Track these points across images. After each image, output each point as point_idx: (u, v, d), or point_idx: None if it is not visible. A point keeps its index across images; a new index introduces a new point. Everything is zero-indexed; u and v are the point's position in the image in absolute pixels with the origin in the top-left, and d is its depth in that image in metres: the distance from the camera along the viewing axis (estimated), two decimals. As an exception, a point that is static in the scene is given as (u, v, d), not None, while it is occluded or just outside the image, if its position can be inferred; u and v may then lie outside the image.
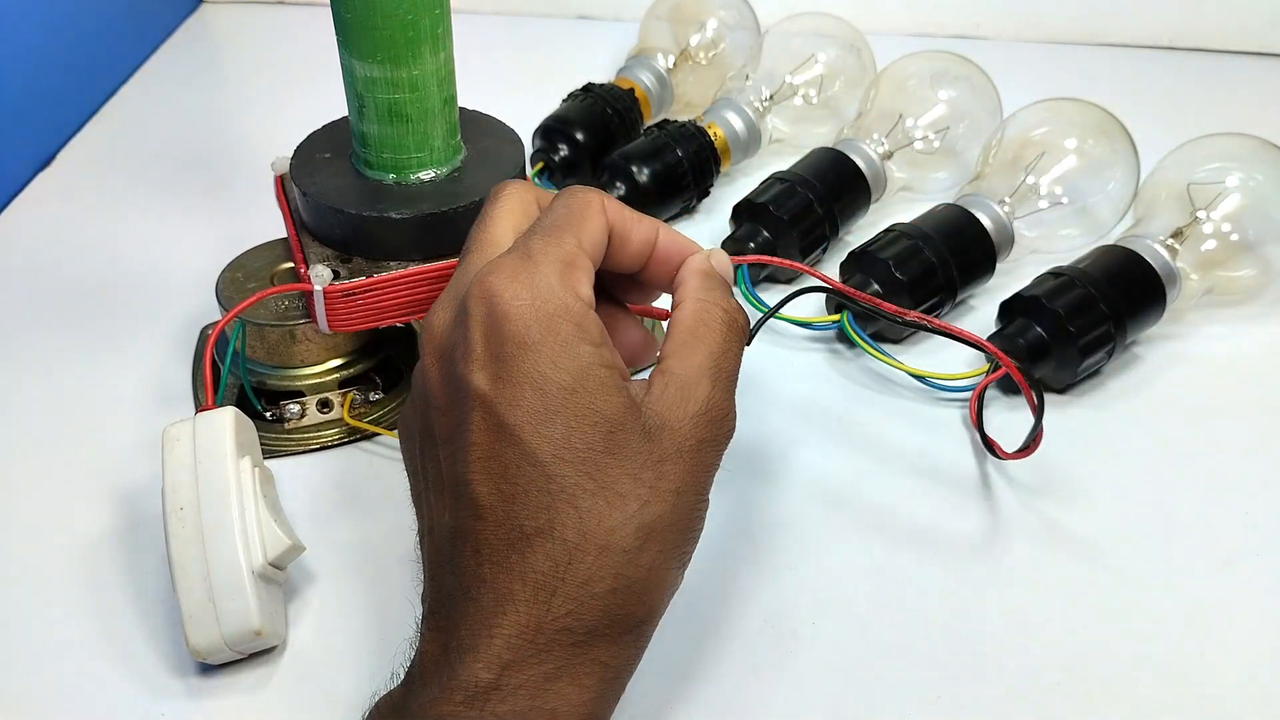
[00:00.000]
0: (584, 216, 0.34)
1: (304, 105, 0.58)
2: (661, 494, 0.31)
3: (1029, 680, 0.38)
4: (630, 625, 0.31)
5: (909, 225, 0.53)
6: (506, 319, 0.31)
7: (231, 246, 0.50)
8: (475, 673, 0.29)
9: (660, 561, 0.31)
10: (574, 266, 0.33)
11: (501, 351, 0.31)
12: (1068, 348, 0.48)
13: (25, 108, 0.65)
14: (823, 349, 0.53)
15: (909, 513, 0.45)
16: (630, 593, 0.30)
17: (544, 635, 0.29)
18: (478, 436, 0.31)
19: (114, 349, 0.53)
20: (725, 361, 0.34)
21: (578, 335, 0.31)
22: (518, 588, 0.30)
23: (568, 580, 0.30)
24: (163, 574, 0.40)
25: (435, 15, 0.42)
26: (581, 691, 0.30)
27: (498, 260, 0.33)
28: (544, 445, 0.30)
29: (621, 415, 0.31)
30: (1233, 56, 0.82)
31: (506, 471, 0.30)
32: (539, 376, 0.30)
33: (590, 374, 0.31)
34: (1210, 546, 0.43)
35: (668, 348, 0.34)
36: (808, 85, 0.64)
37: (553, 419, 0.30)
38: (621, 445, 0.31)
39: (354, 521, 0.44)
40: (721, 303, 0.35)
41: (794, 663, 0.39)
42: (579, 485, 0.30)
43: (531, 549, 0.30)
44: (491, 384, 0.31)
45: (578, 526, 0.30)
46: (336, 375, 0.48)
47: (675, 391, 0.32)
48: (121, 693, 0.38)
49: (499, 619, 0.30)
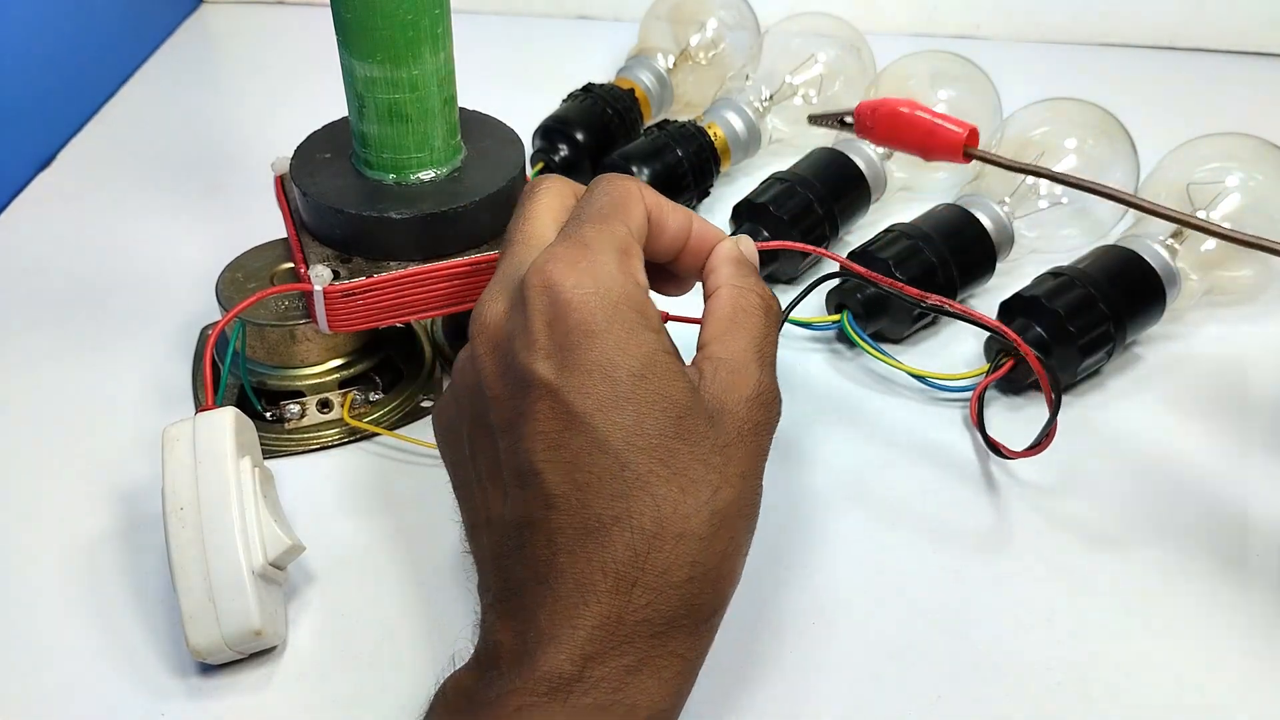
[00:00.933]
0: (627, 204, 0.34)
1: (304, 105, 0.58)
2: (730, 479, 0.31)
3: (1029, 680, 0.38)
4: (705, 615, 0.31)
5: (909, 225, 0.53)
6: (570, 307, 0.31)
7: (231, 246, 0.50)
8: (558, 664, 0.29)
9: (731, 548, 0.31)
10: (629, 254, 0.33)
11: (567, 340, 0.31)
12: (1068, 348, 0.48)
13: (25, 108, 0.65)
14: (823, 349, 0.53)
15: (909, 513, 0.45)
16: (705, 580, 0.30)
17: (625, 627, 0.29)
18: (544, 425, 0.30)
19: (114, 349, 0.53)
20: (767, 345, 0.34)
21: (641, 322, 0.31)
22: (598, 578, 0.29)
23: (648, 570, 0.29)
24: (163, 574, 0.40)
25: (435, 15, 0.42)
26: (661, 685, 0.30)
27: (554, 249, 0.32)
28: (616, 432, 0.30)
29: (688, 400, 0.31)
30: (1233, 56, 0.82)
31: (578, 460, 0.30)
32: (607, 363, 0.30)
33: (656, 360, 0.31)
34: (1210, 546, 0.43)
35: (708, 334, 0.34)
36: (808, 85, 0.64)
37: (623, 406, 0.30)
38: (690, 431, 0.31)
39: (354, 521, 0.44)
40: (756, 289, 0.35)
41: (794, 662, 0.39)
42: (653, 472, 0.30)
43: (610, 539, 0.30)
44: (557, 373, 0.30)
45: (655, 515, 0.30)
46: (336, 375, 0.48)
47: (726, 376, 0.33)
48: (121, 693, 0.38)
49: (580, 610, 0.29)
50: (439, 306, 0.45)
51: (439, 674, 0.32)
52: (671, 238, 0.36)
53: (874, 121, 0.40)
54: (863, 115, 0.40)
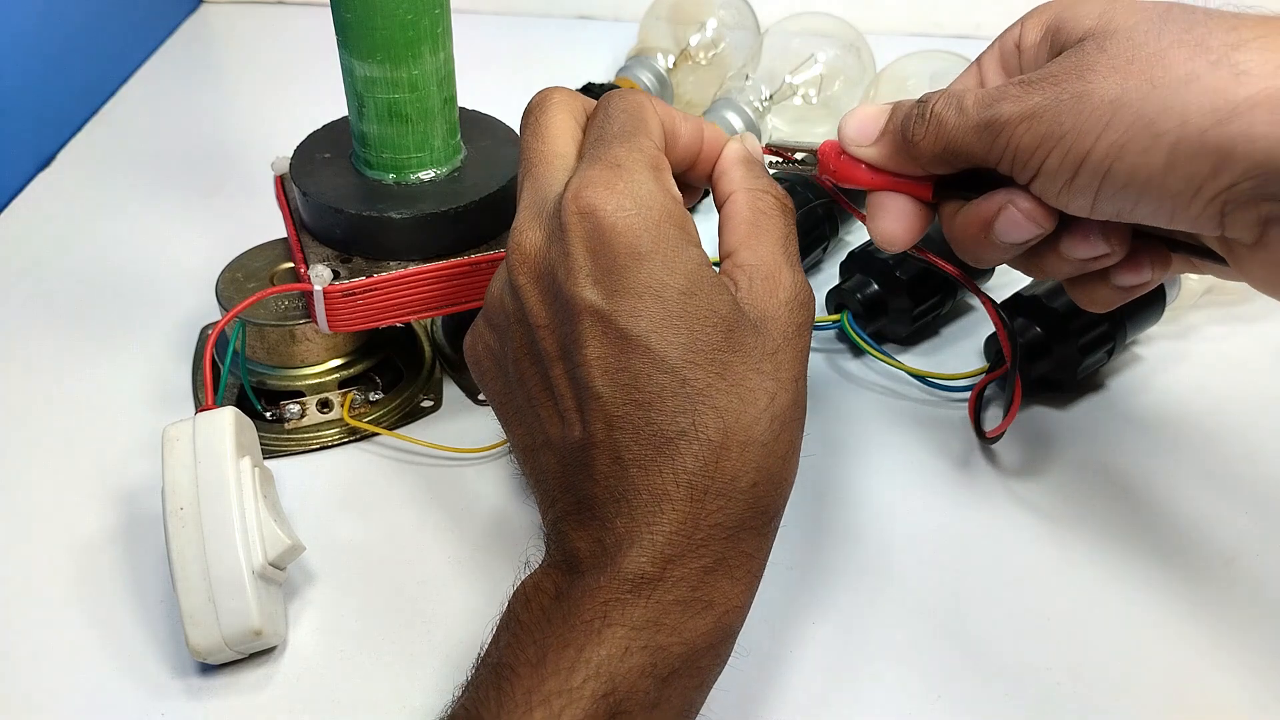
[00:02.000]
0: (645, 119, 0.35)
1: (304, 105, 0.58)
2: (784, 383, 0.32)
3: (1029, 680, 0.38)
4: (770, 515, 0.32)
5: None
6: (615, 232, 0.31)
7: (231, 246, 0.50)
8: (640, 565, 0.30)
9: (790, 450, 0.32)
10: (661, 169, 0.33)
11: (614, 265, 0.31)
12: (1068, 347, 0.48)
13: (25, 108, 0.65)
14: (823, 349, 0.53)
15: (909, 512, 0.45)
16: (770, 483, 0.32)
17: (700, 531, 0.30)
18: (599, 350, 0.31)
19: (114, 349, 0.53)
20: (791, 245, 0.35)
21: (684, 238, 0.32)
22: (671, 489, 0.31)
23: (717, 478, 0.31)
24: (163, 574, 0.40)
25: (435, 15, 0.42)
26: (734, 583, 0.31)
27: (587, 173, 0.33)
28: (673, 350, 0.31)
29: (734, 313, 0.32)
30: (1233, 56, 0.82)
31: (638, 381, 0.31)
32: (657, 284, 0.31)
33: (703, 275, 0.32)
34: (1211, 546, 0.43)
35: (732, 241, 0.34)
36: (807, 85, 0.64)
37: (676, 324, 0.31)
38: (740, 342, 0.32)
39: (354, 521, 0.44)
40: (771, 189, 0.36)
41: (794, 663, 0.39)
42: (713, 385, 0.31)
43: (678, 451, 0.31)
44: (606, 297, 0.31)
45: (719, 425, 0.31)
46: (336, 375, 0.48)
47: (762, 283, 0.33)
48: (121, 693, 0.38)
49: (657, 517, 0.30)
50: (439, 306, 0.45)
51: (516, 578, 0.33)
52: (685, 147, 0.36)
53: (838, 165, 0.38)
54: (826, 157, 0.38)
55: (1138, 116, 0.30)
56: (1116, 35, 0.31)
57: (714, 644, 0.31)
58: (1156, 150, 0.30)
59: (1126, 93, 0.30)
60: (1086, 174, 0.31)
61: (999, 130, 0.32)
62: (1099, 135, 0.30)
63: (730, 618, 0.31)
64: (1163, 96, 0.29)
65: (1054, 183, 0.32)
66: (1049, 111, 0.31)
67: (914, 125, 0.35)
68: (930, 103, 0.35)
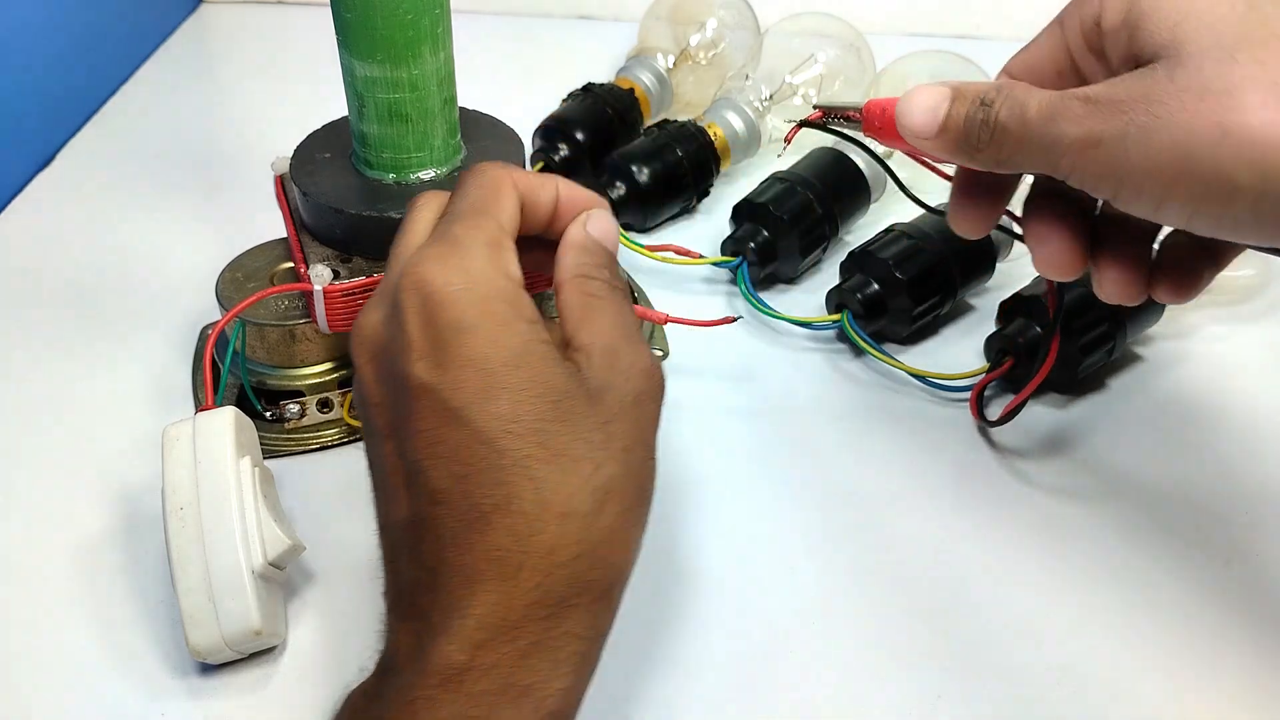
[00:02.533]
0: (497, 195, 0.35)
1: (304, 105, 0.58)
2: (613, 454, 0.31)
3: (1029, 680, 0.38)
4: (599, 591, 0.31)
5: (909, 225, 0.53)
6: (442, 306, 0.31)
7: (231, 246, 0.50)
8: (448, 655, 0.29)
9: (620, 522, 0.31)
10: (499, 247, 0.33)
11: (439, 338, 0.31)
12: (1068, 347, 0.48)
13: (25, 108, 0.65)
14: (823, 349, 0.53)
15: (909, 512, 0.45)
16: (595, 556, 0.31)
17: (515, 612, 0.29)
18: (423, 424, 0.31)
19: (114, 349, 0.53)
20: (627, 321, 0.34)
21: (514, 313, 0.32)
22: (483, 566, 0.30)
23: (532, 551, 0.30)
24: (163, 574, 0.40)
25: (435, 15, 0.42)
26: (555, 666, 0.30)
27: (424, 250, 0.33)
28: (491, 422, 0.30)
29: (566, 384, 0.31)
30: (1233, 56, 0.82)
31: (458, 454, 0.30)
32: (480, 356, 0.31)
33: (531, 349, 0.31)
34: (1210, 547, 0.43)
35: (568, 329, 0.34)
36: (808, 85, 0.64)
37: (498, 395, 0.30)
38: (569, 411, 0.31)
39: (354, 521, 0.44)
40: (599, 274, 0.35)
41: (794, 662, 0.39)
42: (531, 455, 0.30)
43: (491, 526, 0.30)
44: (432, 371, 0.31)
45: (535, 496, 0.30)
46: (336, 375, 0.48)
47: (600, 357, 0.33)
48: (121, 693, 0.38)
49: (468, 600, 0.30)
50: (439, 306, 0.45)
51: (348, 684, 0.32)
52: (545, 211, 0.36)
53: (883, 122, 0.39)
54: (871, 114, 0.40)
55: (1213, 170, 0.28)
56: (1187, 62, 0.29)
57: None
58: (1240, 201, 0.28)
59: (1195, 138, 0.28)
60: (1164, 217, 0.31)
61: (1061, 154, 0.31)
62: (1169, 186, 0.29)
63: (552, 703, 0.30)
64: (1236, 148, 0.28)
65: (1129, 209, 0.31)
66: (1114, 143, 0.30)
67: (978, 131, 0.34)
68: (995, 106, 0.33)
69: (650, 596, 0.41)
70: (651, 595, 0.41)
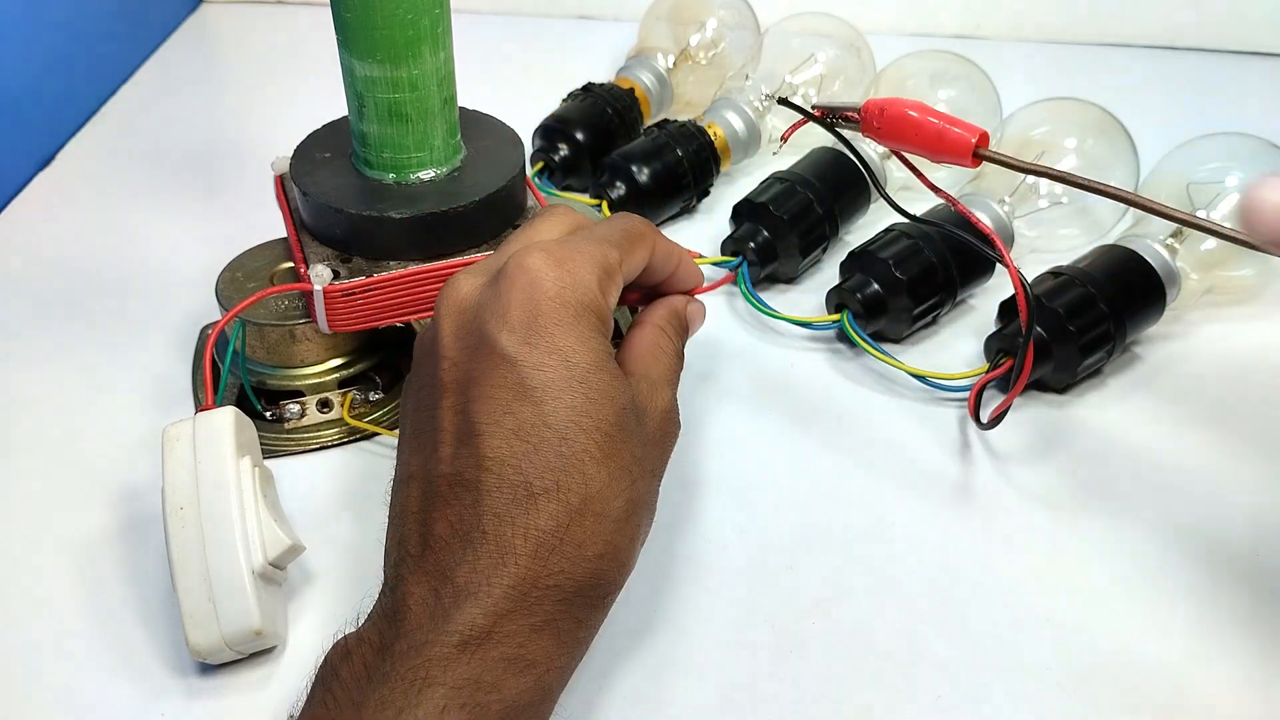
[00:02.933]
0: (635, 245, 0.38)
1: (304, 105, 0.58)
2: (646, 474, 0.34)
3: (1029, 680, 0.38)
4: (608, 590, 0.33)
5: (909, 225, 0.53)
6: (547, 295, 0.33)
7: (231, 246, 0.50)
8: (473, 619, 0.30)
9: (637, 534, 0.34)
10: (610, 278, 0.36)
11: (535, 321, 0.33)
12: (1068, 347, 0.48)
13: (25, 108, 0.65)
14: (823, 349, 0.53)
15: (909, 512, 0.45)
16: (614, 559, 0.33)
17: (538, 589, 0.31)
18: (496, 391, 0.33)
19: (114, 349, 0.53)
20: (675, 377, 0.39)
21: (600, 330, 0.34)
22: (519, 543, 0.31)
23: (567, 540, 0.31)
24: (163, 574, 0.40)
25: (435, 15, 0.42)
26: (558, 644, 0.32)
27: (545, 243, 0.35)
28: (565, 411, 0.32)
29: (628, 399, 0.34)
30: (1233, 56, 0.82)
31: (522, 429, 0.32)
32: (567, 349, 0.33)
33: (607, 362, 0.34)
34: (1210, 546, 0.43)
35: (626, 355, 0.38)
36: (808, 85, 0.64)
37: (575, 388, 0.33)
38: (626, 424, 0.34)
39: (354, 521, 0.44)
40: (675, 338, 0.40)
41: (794, 662, 0.39)
42: (588, 452, 0.32)
43: (537, 507, 0.31)
44: (519, 347, 0.33)
45: (582, 491, 0.32)
46: (336, 375, 0.48)
47: (647, 388, 0.36)
48: (121, 693, 0.38)
49: (499, 570, 0.31)
50: (439, 306, 0.45)
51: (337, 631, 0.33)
52: (662, 274, 0.41)
53: (881, 122, 0.40)
54: (870, 114, 0.40)
55: None
56: None
57: (534, 702, 0.31)
58: None
59: None
60: None
61: None
62: None
63: (550, 678, 0.32)
64: None
65: None
66: None
67: None
68: None
69: (651, 596, 0.41)
70: (652, 595, 0.41)
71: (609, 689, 0.38)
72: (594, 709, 0.38)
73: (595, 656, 0.38)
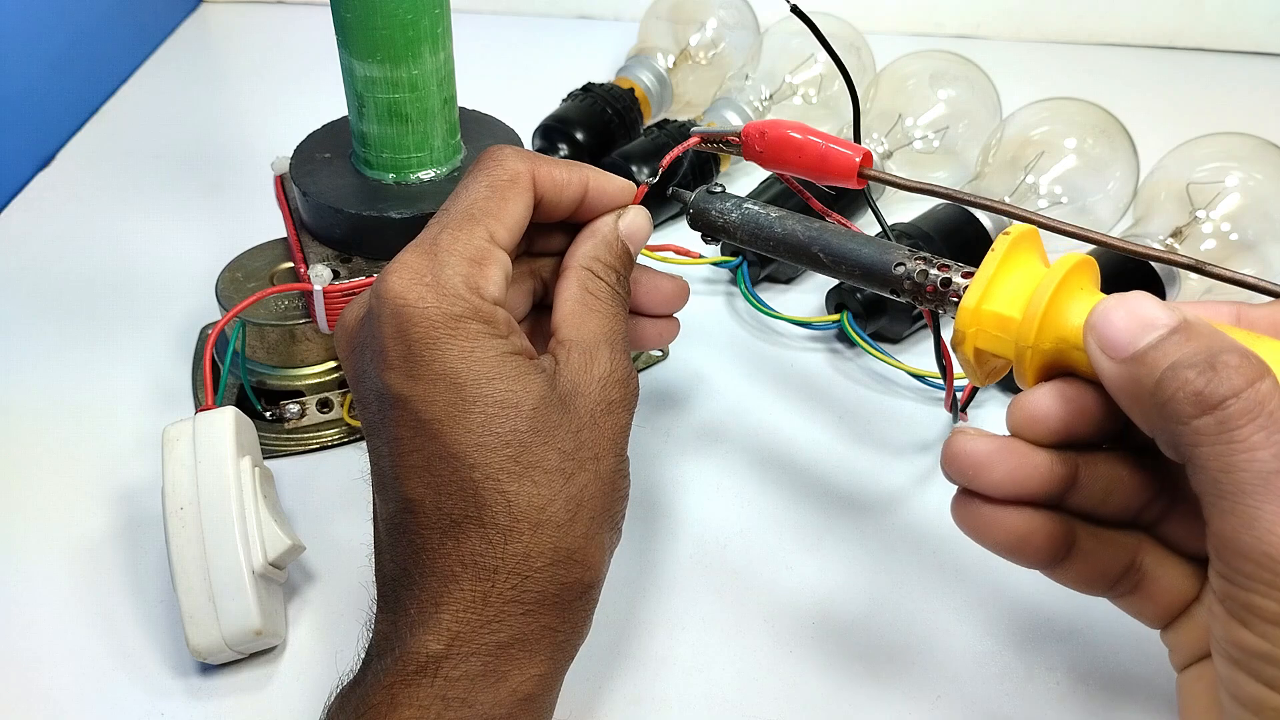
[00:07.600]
0: (503, 198, 0.34)
1: (304, 105, 0.58)
2: (583, 463, 0.32)
3: (1029, 680, 0.38)
4: (577, 592, 0.32)
5: (909, 225, 0.53)
6: (412, 322, 0.31)
7: (231, 246, 0.50)
8: (425, 644, 0.30)
9: (593, 529, 0.32)
10: (481, 264, 0.32)
11: (410, 352, 0.31)
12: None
13: (25, 108, 0.65)
14: (823, 349, 0.53)
15: (909, 512, 0.45)
16: (571, 562, 0.31)
17: (492, 607, 0.30)
18: (398, 432, 0.31)
19: (114, 349, 0.53)
20: (617, 328, 0.35)
21: (486, 331, 0.32)
22: (458, 569, 0.31)
23: (507, 557, 0.31)
24: (163, 574, 0.40)
25: (435, 15, 0.42)
26: (531, 655, 0.31)
27: (402, 258, 0.32)
28: (463, 436, 0.31)
29: (540, 396, 0.32)
30: (1233, 56, 0.82)
31: (430, 465, 0.31)
32: (451, 371, 0.31)
33: (503, 363, 0.31)
34: (1210, 546, 0.43)
35: (556, 318, 0.34)
36: (807, 85, 0.64)
37: (470, 410, 0.31)
38: (542, 423, 0.31)
39: (354, 521, 0.44)
40: (604, 275, 0.35)
41: (794, 662, 0.39)
42: (502, 469, 0.31)
43: (465, 534, 0.31)
44: (404, 383, 0.31)
45: (507, 510, 0.31)
46: (336, 375, 0.48)
47: (579, 358, 0.33)
48: (121, 693, 0.38)
49: (445, 596, 0.30)
50: (439, 306, 0.45)
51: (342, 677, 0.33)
52: (570, 202, 0.36)
53: (763, 145, 0.38)
54: (751, 138, 0.38)
55: None
56: None
57: (511, 713, 0.31)
58: None
59: None
60: None
61: None
62: None
63: (527, 686, 0.31)
64: None
65: None
66: None
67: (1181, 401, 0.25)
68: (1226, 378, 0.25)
69: (647, 596, 0.41)
70: (648, 595, 0.41)
71: (609, 689, 0.38)
72: (594, 709, 0.38)
73: (595, 656, 0.38)
